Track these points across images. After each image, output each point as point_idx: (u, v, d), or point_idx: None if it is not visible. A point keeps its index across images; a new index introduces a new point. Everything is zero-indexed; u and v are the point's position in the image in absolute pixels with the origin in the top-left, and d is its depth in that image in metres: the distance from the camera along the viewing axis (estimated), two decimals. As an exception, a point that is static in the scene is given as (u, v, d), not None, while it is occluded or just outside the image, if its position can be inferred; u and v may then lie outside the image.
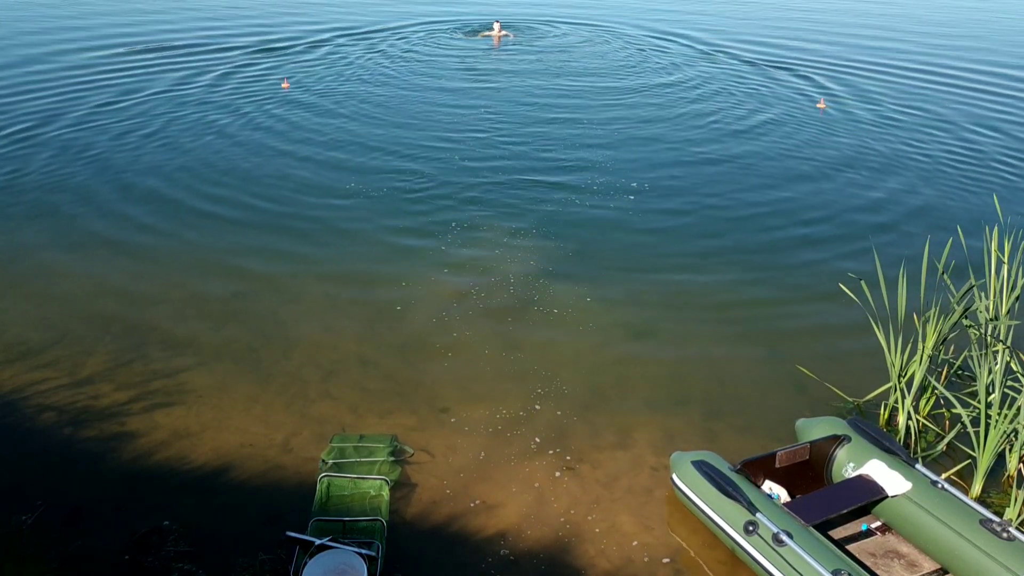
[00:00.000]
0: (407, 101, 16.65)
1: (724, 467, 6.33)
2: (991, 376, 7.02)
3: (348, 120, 15.31)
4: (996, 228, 7.91)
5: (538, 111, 16.28)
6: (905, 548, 6.16)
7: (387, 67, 19.24)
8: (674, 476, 6.51)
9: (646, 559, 6.16)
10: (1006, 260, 7.74)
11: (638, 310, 9.41)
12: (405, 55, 20.41)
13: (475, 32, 23.20)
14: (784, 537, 5.60)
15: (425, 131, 14.87)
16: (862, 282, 8.19)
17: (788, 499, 6.52)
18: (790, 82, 18.79)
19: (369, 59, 19.85)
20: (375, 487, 6.60)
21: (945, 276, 7.70)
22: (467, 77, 18.59)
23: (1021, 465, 6.94)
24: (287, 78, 17.71)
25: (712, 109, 16.64)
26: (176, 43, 20.48)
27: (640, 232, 11.26)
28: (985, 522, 5.79)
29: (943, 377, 8.21)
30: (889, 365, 7.62)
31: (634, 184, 12.78)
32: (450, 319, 9.08)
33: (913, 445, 7.38)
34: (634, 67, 19.89)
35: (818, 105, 16.90)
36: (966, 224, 10.15)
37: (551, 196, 12.27)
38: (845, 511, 6.15)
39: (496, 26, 22.96)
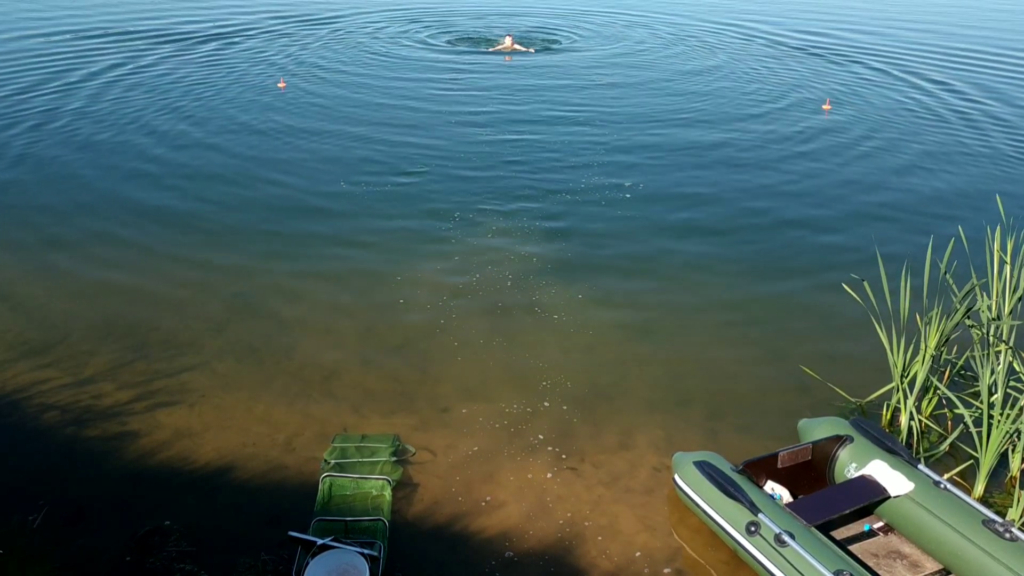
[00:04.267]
0: (407, 101, 16.66)
1: (726, 467, 6.32)
2: (994, 376, 7.01)
3: (346, 122, 15.30)
4: (999, 227, 7.89)
5: (537, 114, 16.29)
6: (907, 548, 6.15)
7: (387, 68, 19.24)
8: (676, 476, 6.50)
9: (648, 560, 6.15)
10: (1008, 260, 7.73)
11: (639, 309, 9.41)
12: (405, 56, 20.40)
13: (486, 43, 21.81)
14: (786, 537, 5.60)
15: (426, 134, 14.87)
16: (864, 282, 8.18)
17: (790, 499, 6.51)
18: (791, 80, 18.77)
19: (368, 60, 19.85)
20: (377, 487, 6.60)
21: (948, 276, 7.69)
22: (470, 86, 18.58)
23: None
24: (283, 77, 17.72)
25: (712, 111, 16.64)
26: (192, 32, 20.51)
27: (641, 232, 11.26)
28: (988, 522, 5.78)
29: (945, 377, 8.20)
30: (891, 365, 7.61)
31: (635, 184, 12.78)
32: (451, 319, 9.08)
33: (915, 445, 7.38)
34: (636, 69, 19.90)
35: (823, 107, 16.88)
36: (968, 224, 10.13)
37: (552, 197, 12.28)
38: (847, 511, 6.14)
39: (508, 40, 21.38)
